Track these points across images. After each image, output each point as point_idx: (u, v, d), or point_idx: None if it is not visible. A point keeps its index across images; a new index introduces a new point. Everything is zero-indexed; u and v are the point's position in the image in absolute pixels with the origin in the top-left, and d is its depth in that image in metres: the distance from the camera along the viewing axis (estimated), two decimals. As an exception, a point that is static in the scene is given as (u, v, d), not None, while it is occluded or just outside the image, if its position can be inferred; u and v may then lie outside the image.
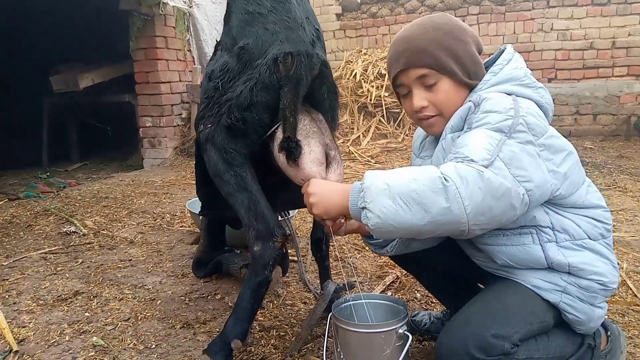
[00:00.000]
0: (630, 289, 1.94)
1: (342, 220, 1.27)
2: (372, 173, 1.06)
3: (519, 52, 1.29)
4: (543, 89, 1.23)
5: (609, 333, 1.34)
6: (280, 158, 1.38)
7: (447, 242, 1.43)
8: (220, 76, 1.49)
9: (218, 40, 1.66)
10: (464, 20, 6.45)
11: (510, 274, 1.24)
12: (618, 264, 2.14)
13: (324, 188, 1.20)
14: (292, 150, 1.32)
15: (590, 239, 1.20)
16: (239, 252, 2.26)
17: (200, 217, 2.26)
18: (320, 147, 1.40)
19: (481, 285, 1.51)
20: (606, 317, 1.68)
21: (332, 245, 2.52)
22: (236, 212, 1.49)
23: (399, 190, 0.99)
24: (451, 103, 1.23)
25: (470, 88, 1.25)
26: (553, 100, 1.27)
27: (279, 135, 1.39)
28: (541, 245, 1.18)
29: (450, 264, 1.47)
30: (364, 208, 1.02)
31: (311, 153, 1.36)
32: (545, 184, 1.08)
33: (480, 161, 1.01)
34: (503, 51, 1.29)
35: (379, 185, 1.01)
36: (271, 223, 1.45)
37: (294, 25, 1.39)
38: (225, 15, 1.58)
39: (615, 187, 3.46)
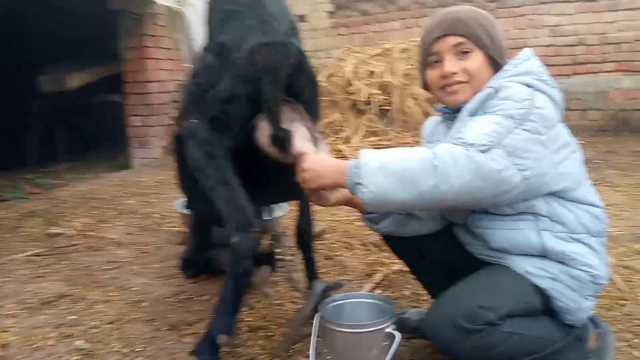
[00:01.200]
0: (616, 284, 1.94)
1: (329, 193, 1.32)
2: (368, 151, 1.13)
3: (510, 49, 1.33)
4: (557, 89, 1.26)
5: (599, 330, 1.34)
6: (272, 150, 1.40)
7: (442, 232, 1.45)
8: (204, 73, 1.52)
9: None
10: (454, 17, 6.46)
11: (502, 260, 1.27)
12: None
13: (318, 163, 1.25)
14: (284, 141, 1.35)
15: (588, 234, 1.22)
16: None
17: (188, 216, 2.24)
18: (305, 128, 1.43)
19: None
20: (594, 312, 1.69)
21: (321, 244, 2.51)
22: (216, 205, 1.50)
23: (392, 168, 1.07)
24: (480, 75, 1.28)
25: (496, 70, 1.29)
26: None
27: (266, 127, 1.41)
28: (537, 232, 1.21)
29: (445, 254, 1.48)
30: (359, 184, 1.10)
31: (298, 132, 1.39)
32: (545, 175, 1.13)
33: (478, 146, 1.05)
34: (521, 53, 1.32)
35: (374, 163, 1.09)
36: (249, 214, 1.47)
37: (269, 18, 1.42)
38: (206, 18, 1.61)
39: (603, 182, 3.47)
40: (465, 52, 1.28)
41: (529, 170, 1.08)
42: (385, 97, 5.78)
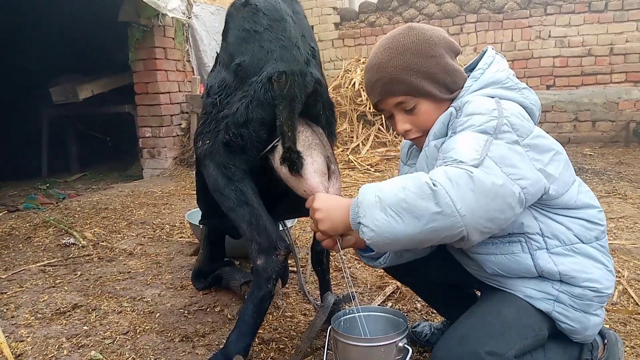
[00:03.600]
0: (632, 298, 1.93)
1: (339, 237, 1.24)
2: (365, 187, 1.06)
3: (517, 60, 1.33)
4: (527, 89, 1.22)
5: (605, 341, 1.33)
6: (283, 170, 1.40)
7: (438, 253, 1.41)
8: (218, 92, 1.52)
9: (218, 52, 1.68)
10: (461, 29, 6.50)
11: (501, 284, 1.23)
12: (619, 272, 2.14)
13: (329, 203, 1.18)
14: (295, 161, 1.34)
15: (583, 242, 1.17)
16: (238, 264, 2.25)
17: (201, 227, 2.25)
18: (322, 158, 1.42)
19: (477, 292, 1.50)
20: (607, 326, 1.68)
21: (331, 256, 2.51)
22: (238, 227, 1.49)
23: (389, 201, 0.99)
24: (432, 121, 1.23)
25: (452, 100, 1.24)
26: (551, 107, 1.29)
27: (280, 148, 1.41)
28: (531, 254, 1.16)
29: (444, 274, 1.46)
30: (359, 223, 1.02)
31: (314, 164, 1.39)
32: (538, 181, 1.07)
33: (470, 161, 0.99)
34: (483, 54, 1.28)
35: (370, 199, 1.01)
36: (274, 236, 1.46)
37: (289, 44, 1.42)
38: (223, 31, 1.61)
39: (615, 194, 3.45)
40: (410, 109, 1.24)
41: (523, 180, 1.02)
42: (393, 108, 5.80)
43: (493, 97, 1.15)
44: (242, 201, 1.47)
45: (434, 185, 0.96)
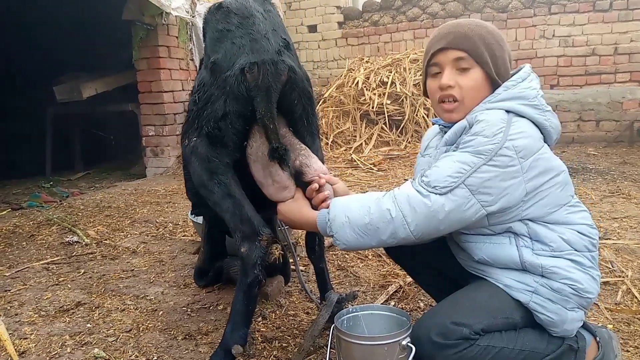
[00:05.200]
0: (636, 298, 1.92)
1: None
2: (336, 204, 1.29)
3: (521, 59, 1.37)
4: (551, 112, 1.28)
5: (598, 339, 1.33)
6: (255, 169, 1.49)
7: (439, 242, 1.47)
8: (198, 90, 1.58)
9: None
10: (465, 28, 6.48)
11: (485, 273, 1.31)
12: (622, 272, 2.13)
13: (290, 213, 1.43)
14: (283, 157, 1.40)
15: (575, 250, 1.23)
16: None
17: (202, 224, 2.26)
18: (282, 173, 1.46)
19: None
20: (610, 326, 1.67)
21: (334, 254, 2.52)
22: (224, 219, 1.54)
23: (356, 224, 1.24)
24: (475, 94, 1.30)
25: (493, 89, 1.30)
26: (555, 107, 1.34)
27: (254, 146, 1.49)
28: (517, 248, 1.25)
29: (441, 263, 1.52)
30: (332, 235, 1.28)
31: (274, 184, 1.47)
32: (509, 208, 1.20)
33: (439, 188, 1.17)
34: (520, 69, 1.34)
35: (341, 219, 1.25)
36: (256, 223, 1.51)
37: (258, 36, 1.45)
38: (202, 35, 1.68)
39: (619, 194, 3.44)
40: (465, 69, 1.30)
41: (493, 206, 1.17)
42: (397, 107, 5.80)
43: (509, 112, 1.23)
44: (225, 194, 1.52)
45: (394, 210, 1.20)
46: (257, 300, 1.59)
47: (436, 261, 1.54)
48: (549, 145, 1.28)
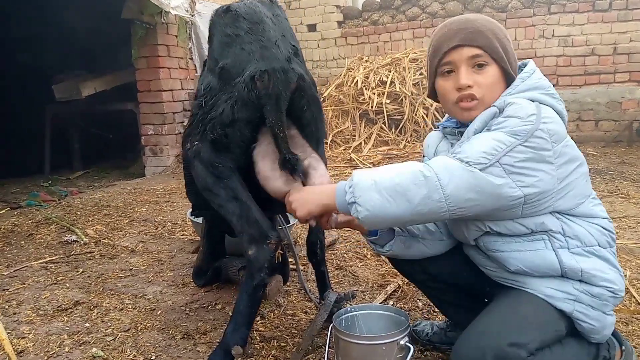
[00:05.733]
0: (634, 297, 1.92)
1: (334, 214, 1.33)
2: (360, 171, 1.15)
3: (520, 59, 1.33)
4: (562, 101, 1.27)
5: (623, 347, 1.33)
6: (260, 169, 1.46)
7: (453, 254, 1.43)
8: (204, 95, 1.56)
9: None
10: (464, 27, 6.47)
11: (522, 284, 1.24)
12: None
13: (302, 193, 1.32)
14: (295, 166, 1.39)
15: (600, 246, 1.22)
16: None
17: (201, 224, 2.26)
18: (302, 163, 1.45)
19: (487, 300, 1.49)
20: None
21: (333, 254, 2.52)
22: (229, 222, 1.53)
23: (384, 184, 1.09)
24: (494, 90, 1.27)
25: (508, 83, 1.28)
26: None
27: (264, 144, 1.47)
28: (554, 251, 1.19)
29: (458, 276, 1.46)
30: (353, 203, 1.11)
31: (281, 176, 1.43)
32: (546, 192, 1.12)
33: (474, 164, 1.07)
34: (525, 65, 1.32)
35: (367, 182, 1.11)
36: (264, 226, 1.50)
37: (269, 44, 1.45)
38: (208, 38, 1.66)
39: (617, 194, 3.44)
40: (481, 65, 1.25)
41: (529, 188, 1.09)
42: (396, 107, 5.80)
43: (535, 101, 1.19)
44: (231, 197, 1.51)
45: (428, 172, 1.07)
46: (260, 303, 1.58)
47: (452, 276, 1.46)
48: None
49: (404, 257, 1.46)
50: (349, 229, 1.48)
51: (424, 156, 1.50)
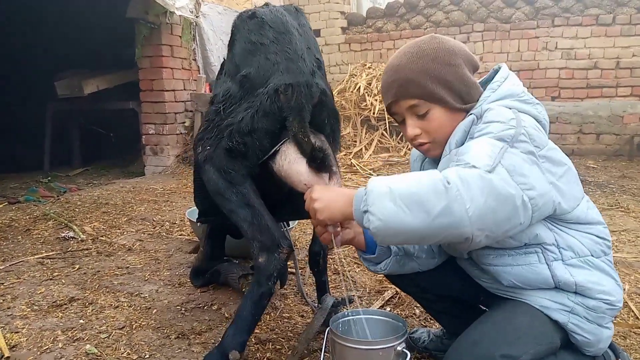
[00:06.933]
0: (632, 311, 1.91)
1: (339, 229, 1.25)
2: (375, 178, 1.06)
3: (523, 70, 1.32)
4: (540, 105, 1.24)
5: (619, 359, 1.31)
6: (284, 167, 1.42)
7: (445, 266, 1.41)
8: (223, 101, 1.54)
9: (224, 57, 1.70)
10: (468, 38, 6.49)
11: (517, 295, 1.22)
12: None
13: (328, 193, 1.19)
14: (323, 157, 1.37)
15: (593, 256, 1.19)
16: (237, 262, 2.24)
17: (199, 225, 2.24)
18: (330, 158, 1.45)
19: (483, 307, 1.48)
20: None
21: (331, 259, 2.50)
22: (239, 227, 1.50)
23: (400, 192, 0.97)
24: (444, 130, 1.23)
25: (466, 111, 1.23)
26: (556, 119, 1.29)
27: (284, 150, 1.43)
28: (547, 264, 1.16)
29: (449, 287, 1.44)
30: (366, 211, 1.00)
31: (308, 165, 1.39)
32: (547, 194, 1.07)
33: (482, 167, 1.00)
34: (497, 70, 1.29)
35: (381, 189, 1.00)
36: (276, 235, 1.48)
37: (294, 56, 1.43)
38: (229, 42, 1.63)
39: (617, 208, 3.43)
40: (423, 114, 1.23)
41: (532, 190, 1.02)
42: (398, 114, 5.80)
43: (511, 109, 1.16)
44: (244, 203, 1.49)
45: (447, 182, 0.96)
46: (264, 311, 1.56)
47: (443, 286, 1.45)
48: None
49: (397, 273, 1.44)
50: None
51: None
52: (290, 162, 1.41)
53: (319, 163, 1.37)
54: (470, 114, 1.19)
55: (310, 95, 1.42)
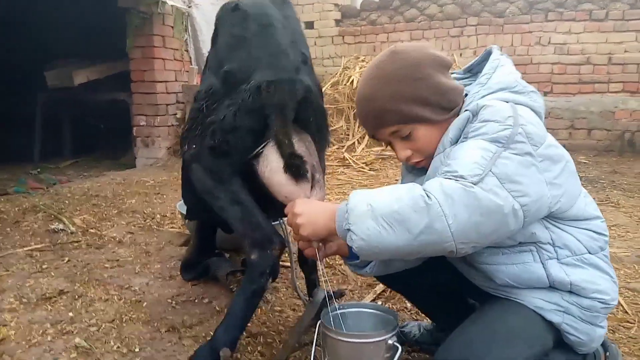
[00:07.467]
0: (622, 306, 1.93)
1: (321, 244, 1.24)
2: (357, 193, 1.04)
3: (516, 65, 1.25)
4: (534, 92, 1.19)
5: (607, 353, 1.31)
6: (265, 174, 1.39)
7: (431, 261, 1.40)
8: (205, 98, 1.50)
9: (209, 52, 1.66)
10: (461, 31, 6.49)
11: (511, 294, 1.20)
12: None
13: (310, 208, 1.17)
14: (300, 166, 1.32)
15: (590, 253, 1.17)
16: (228, 256, 2.23)
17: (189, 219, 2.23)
18: (307, 167, 1.40)
19: (472, 301, 1.48)
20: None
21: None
22: (230, 225, 1.48)
23: (381, 211, 0.97)
24: (434, 144, 1.21)
25: (454, 116, 1.19)
26: (548, 114, 1.27)
27: (266, 154, 1.39)
28: (542, 263, 1.14)
29: (436, 283, 1.43)
30: (348, 230, 1.01)
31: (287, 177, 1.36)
32: (542, 198, 1.04)
33: (470, 177, 0.97)
34: (488, 54, 1.25)
35: (362, 207, 0.99)
36: (268, 231, 1.45)
37: (277, 51, 1.40)
38: (212, 35, 1.59)
39: (608, 203, 3.46)
40: (407, 136, 1.21)
41: (525, 197, 0.99)
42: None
43: (507, 102, 1.11)
44: (233, 200, 1.46)
45: (428, 198, 0.96)
46: (256, 308, 1.54)
47: (431, 282, 1.43)
48: None
49: (382, 274, 1.42)
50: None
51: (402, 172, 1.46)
52: (272, 171, 1.37)
53: (295, 171, 1.32)
54: (466, 111, 1.14)
55: (294, 92, 1.39)
